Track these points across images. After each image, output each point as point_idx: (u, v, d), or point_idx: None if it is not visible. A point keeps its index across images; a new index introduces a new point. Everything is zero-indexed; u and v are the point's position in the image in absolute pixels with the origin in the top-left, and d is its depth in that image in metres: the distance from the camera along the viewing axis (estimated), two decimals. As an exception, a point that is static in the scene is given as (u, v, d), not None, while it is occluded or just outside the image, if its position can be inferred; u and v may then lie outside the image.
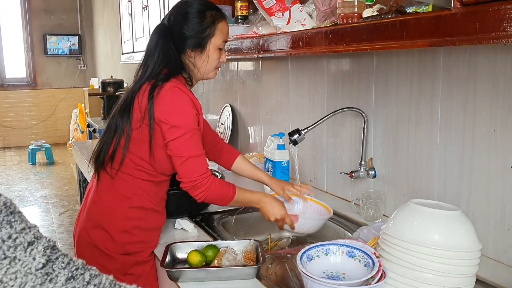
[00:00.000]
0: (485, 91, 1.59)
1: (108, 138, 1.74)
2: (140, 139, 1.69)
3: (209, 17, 1.75)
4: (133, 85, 1.75)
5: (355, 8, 1.68)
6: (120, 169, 1.72)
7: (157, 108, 1.63)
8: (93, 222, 1.74)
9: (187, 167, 1.66)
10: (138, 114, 1.67)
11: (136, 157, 1.70)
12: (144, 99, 1.66)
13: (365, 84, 2.13)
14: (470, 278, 1.23)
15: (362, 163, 2.13)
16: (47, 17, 10.24)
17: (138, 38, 4.21)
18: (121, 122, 1.69)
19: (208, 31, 1.75)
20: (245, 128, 3.34)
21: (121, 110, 1.71)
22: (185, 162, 1.65)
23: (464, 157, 1.69)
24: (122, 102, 1.73)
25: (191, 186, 1.67)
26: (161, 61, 1.72)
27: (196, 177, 1.66)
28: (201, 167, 1.68)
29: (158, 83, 1.66)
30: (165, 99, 1.64)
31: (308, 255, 1.38)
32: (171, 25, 1.76)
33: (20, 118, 10.25)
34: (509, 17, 1.04)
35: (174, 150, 1.65)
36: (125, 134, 1.68)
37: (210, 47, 1.77)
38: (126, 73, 7.27)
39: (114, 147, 1.71)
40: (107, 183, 1.74)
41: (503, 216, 1.58)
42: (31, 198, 6.59)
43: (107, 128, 1.76)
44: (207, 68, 1.80)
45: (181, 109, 1.64)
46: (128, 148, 1.69)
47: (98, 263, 1.72)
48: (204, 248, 1.67)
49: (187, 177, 1.67)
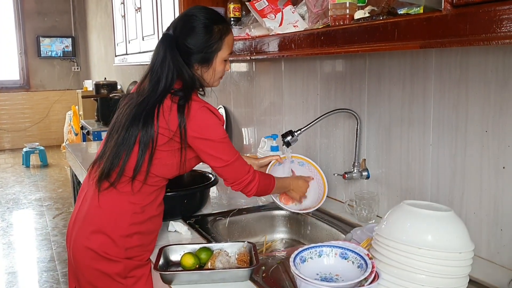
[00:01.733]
0: (477, 92, 1.59)
1: (122, 150, 1.68)
2: (167, 152, 1.69)
3: (216, 33, 1.75)
4: (147, 97, 1.69)
5: (346, 9, 1.68)
6: (139, 179, 1.69)
7: (190, 127, 1.66)
8: (93, 226, 1.72)
9: (234, 170, 1.77)
10: (166, 131, 1.65)
11: (154, 167, 1.70)
12: (172, 117, 1.65)
13: (357, 85, 2.14)
14: (463, 279, 1.23)
15: (355, 164, 2.13)
16: (41, 19, 10.22)
17: (131, 40, 4.19)
18: (145, 136, 1.65)
19: (215, 46, 1.75)
20: (239, 130, 3.34)
21: (140, 123, 1.66)
22: (230, 167, 1.75)
23: (457, 157, 1.70)
24: (139, 114, 1.67)
25: (244, 185, 1.80)
26: (172, 73, 1.70)
27: (245, 176, 1.79)
28: (244, 166, 1.81)
29: (182, 101, 1.66)
30: (196, 120, 1.67)
31: (301, 256, 1.38)
32: (176, 36, 1.75)
33: (14, 121, 10.22)
34: (499, 19, 1.04)
35: (216, 161, 1.73)
36: (149, 149, 1.66)
37: (217, 61, 1.78)
38: (119, 75, 7.26)
39: (138, 162, 1.67)
40: (112, 190, 1.71)
41: (495, 216, 1.58)
42: (25, 200, 6.57)
43: (123, 140, 1.68)
44: (213, 79, 1.82)
45: (211, 125, 1.70)
46: (152, 161, 1.68)
47: (96, 268, 1.71)
48: (198, 251, 1.67)
49: (238, 179, 1.79)
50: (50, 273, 4.31)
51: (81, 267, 1.75)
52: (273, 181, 1.92)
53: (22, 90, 10.28)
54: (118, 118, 1.75)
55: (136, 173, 1.67)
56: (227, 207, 2.29)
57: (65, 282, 4.04)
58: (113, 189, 1.70)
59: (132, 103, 1.72)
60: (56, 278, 4.20)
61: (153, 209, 1.77)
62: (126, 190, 1.70)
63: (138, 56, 4.00)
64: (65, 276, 4.07)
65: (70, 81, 10.57)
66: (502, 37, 1.04)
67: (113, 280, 1.72)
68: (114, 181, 1.69)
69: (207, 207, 2.29)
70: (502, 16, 1.03)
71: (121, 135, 1.69)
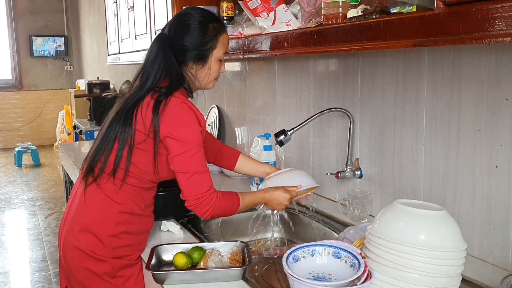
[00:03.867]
0: (470, 91, 1.60)
1: (104, 145, 1.70)
2: (145, 152, 1.67)
3: (211, 30, 1.75)
4: (133, 94, 1.71)
5: (339, 8, 1.68)
6: (118, 177, 1.69)
7: (164, 123, 1.62)
8: (81, 225, 1.72)
9: (193, 183, 1.64)
10: (142, 127, 1.65)
11: (134, 167, 1.69)
12: (148, 113, 1.63)
13: (350, 84, 2.14)
14: (455, 278, 1.23)
15: (348, 164, 2.13)
16: (33, 19, 10.18)
17: (124, 39, 4.18)
18: (123, 132, 1.66)
19: (210, 44, 1.75)
20: (232, 129, 3.33)
21: (121, 119, 1.67)
22: (190, 178, 1.63)
23: (449, 157, 1.70)
24: (121, 110, 1.69)
25: (196, 204, 1.65)
26: (161, 72, 1.70)
27: (201, 194, 1.64)
28: (206, 183, 1.65)
29: (161, 97, 1.64)
30: (172, 115, 1.62)
31: (294, 256, 1.38)
32: (171, 35, 1.75)
33: (6, 120, 10.18)
34: (492, 17, 1.04)
35: (179, 166, 1.64)
36: (127, 145, 1.66)
37: (212, 59, 1.77)
38: (112, 74, 7.23)
39: (116, 158, 1.67)
40: (96, 188, 1.72)
41: (488, 215, 1.58)
42: (17, 200, 6.54)
43: (104, 136, 1.70)
44: (208, 80, 1.81)
45: (187, 125, 1.63)
46: (130, 159, 1.67)
47: (84, 267, 1.71)
48: (190, 250, 1.66)
49: (192, 195, 1.64)
50: (42, 273, 4.29)
51: (71, 266, 1.75)
52: (236, 203, 1.72)
53: (15, 90, 10.24)
54: (107, 116, 1.77)
55: (115, 168, 1.68)
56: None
57: (57, 282, 4.02)
58: (97, 187, 1.71)
59: (121, 100, 1.74)
60: (48, 278, 4.19)
61: (141, 209, 1.76)
62: (108, 188, 1.70)
63: (131, 55, 3.99)
64: (57, 276, 4.06)
65: (63, 81, 10.54)
66: (494, 35, 1.04)
67: (102, 280, 1.71)
68: (96, 176, 1.70)
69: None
70: (494, 15, 1.03)
71: (103, 131, 1.72)
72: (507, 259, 1.55)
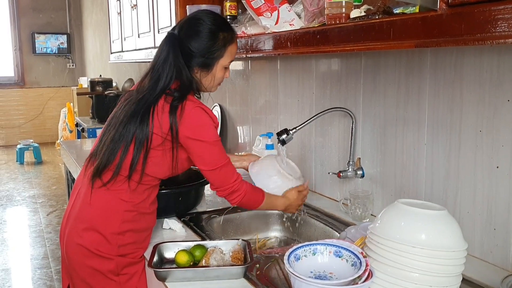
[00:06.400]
0: (472, 92, 1.60)
1: (118, 146, 1.68)
2: (162, 152, 1.69)
3: (220, 40, 1.75)
4: (146, 95, 1.69)
5: (342, 8, 1.69)
6: (134, 179, 1.69)
7: (182, 127, 1.65)
8: (86, 224, 1.72)
9: (221, 176, 1.74)
10: (159, 131, 1.65)
11: (148, 167, 1.69)
12: (165, 118, 1.65)
13: (353, 84, 2.14)
14: (456, 278, 1.24)
15: (350, 163, 2.14)
16: (36, 16, 10.17)
17: (127, 37, 4.18)
18: (140, 134, 1.65)
19: (217, 53, 1.75)
20: (234, 128, 3.34)
21: (137, 121, 1.66)
22: (218, 172, 1.72)
23: (451, 157, 1.70)
24: (137, 112, 1.67)
25: (229, 192, 1.75)
26: (172, 73, 1.70)
27: (231, 183, 1.74)
28: (232, 173, 1.76)
29: (175, 102, 1.66)
30: (190, 119, 1.66)
31: (295, 254, 1.39)
32: (181, 37, 1.74)
33: (8, 117, 10.19)
34: (494, 19, 1.04)
35: (205, 164, 1.72)
36: (144, 148, 1.66)
37: (217, 67, 1.78)
38: (115, 72, 7.24)
39: (133, 161, 1.67)
40: (105, 189, 1.71)
41: (489, 215, 1.59)
42: (19, 197, 6.55)
43: (120, 136, 1.68)
44: (211, 85, 1.83)
45: (204, 125, 1.69)
46: (146, 161, 1.68)
47: (88, 265, 1.72)
48: (192, 248, 1.67)
49: (224, 184, 1.75)
50: (44, 270, 4.30)
51: (74, 264, 1.75)
52: (261, 198, 1.84)
53: (17, 87, 10.24)
54: (116, 114, 1.75)
55: (132, 171, 1.67)
56: (222, 205, 2.28)
57: (58, 279, 4.03)
58: (106, 190, 1.70)
59: (132, 100, 1.72)
60: (50, 275, 4.19)
61: (146, 207, 1.76)
62: (121, 189, 1.70)
63: (133, 54, 3.99)
64: (59, 273, 4.07)
65: (65, 78, 10.53)
66: (497, 37, 1.05)
67: (106, 277, 1.72)
68: (108, 181, 1.69)
69: (201, 205, 2.30)
70: (497, 16, 1.04)
71: (118, 131, 1.69)
72: (507, 259, 1.56)
